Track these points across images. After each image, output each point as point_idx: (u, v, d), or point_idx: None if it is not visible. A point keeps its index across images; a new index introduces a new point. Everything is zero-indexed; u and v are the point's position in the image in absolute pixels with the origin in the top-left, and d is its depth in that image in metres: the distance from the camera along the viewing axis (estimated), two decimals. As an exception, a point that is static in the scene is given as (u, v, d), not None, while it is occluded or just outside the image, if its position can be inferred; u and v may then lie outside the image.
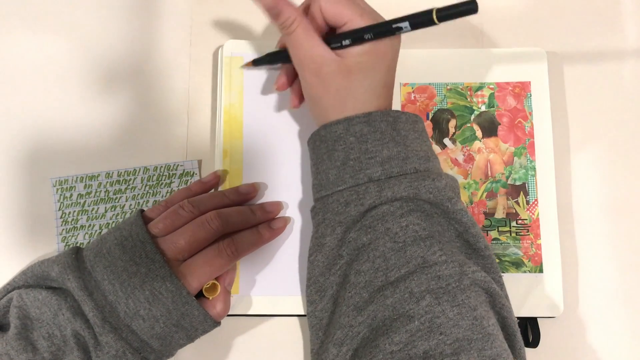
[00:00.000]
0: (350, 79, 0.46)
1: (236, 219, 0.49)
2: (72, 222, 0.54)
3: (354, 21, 0.46)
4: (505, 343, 0.42)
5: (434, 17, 0.41)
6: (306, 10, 0.48)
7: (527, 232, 0.53)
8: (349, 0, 0.46)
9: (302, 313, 0.52)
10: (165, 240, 0.46)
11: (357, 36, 0.45)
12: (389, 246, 0.43)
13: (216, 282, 0.48)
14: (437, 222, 0.45)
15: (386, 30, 0.44)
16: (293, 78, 0.52)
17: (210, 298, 0.47)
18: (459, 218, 0.45)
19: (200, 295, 0.47)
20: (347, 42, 0.46)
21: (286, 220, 0.52)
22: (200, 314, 0.45)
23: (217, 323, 0.47)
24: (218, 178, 0.53)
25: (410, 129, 0.47)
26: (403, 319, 0.41)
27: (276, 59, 0.52)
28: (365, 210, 0.45)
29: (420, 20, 0.42)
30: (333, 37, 0.46)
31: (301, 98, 0.52)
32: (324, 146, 0.47)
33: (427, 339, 0.40)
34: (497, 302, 0.43)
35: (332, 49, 0.46)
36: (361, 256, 0.44)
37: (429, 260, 0.42)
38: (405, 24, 0.43)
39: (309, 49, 0.46)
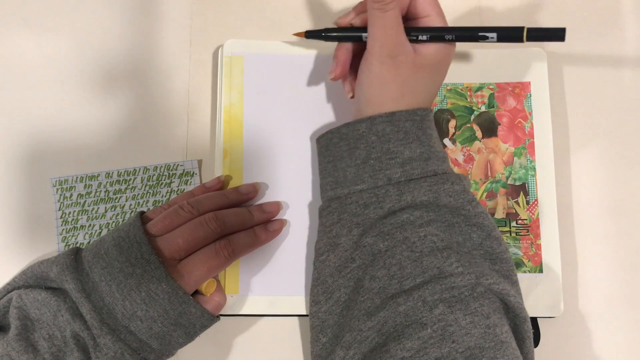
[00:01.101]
0: (419, 74, 0.47)
1: (234, 220, 0.49)
2: (72, 222, 0.54)
3: (433, 17, 0.47)
4: (517, 350, 0.42)
5: (524, 35, 0.43)
6: None
7: (527, 232, 0.53)
8: (438, 2, 0.47)
9: (302, 313, 0.52)
10: (163, 239, 0.46)
11: (439, 34, 0.46)
12: (405, 255, 0.43)
13: (212, 277, 0.48)
14: (459, 231, 0.45)
15: (470, 35, 0.46)
16: (348, 67, 0.50)
17: (207, 295, 0.48)
18: (481, 222, 0.45)
19: (196, 291, 0.48)
20: (425, 37, 0.47)
21: (283, 223, 0.52)
22: (197, 311, 0.45)
23: (216, 318, 0.47)
24: (222, 184, 0.53)
25: (434, 128, 0.48)
26: (415, 326, 0.41)
27: (334, 37, 0.50)
28: (384, 214, 0.45)
29: (509, 35, 0.45)
30: (415, 28, 0.47)
31: (344, 71, 0.50)
32: (344, 144, 0.47)
33: (439, 347, 0.40)
34: (511, 310, 0.43)
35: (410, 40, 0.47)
36: (377, 262, 0.44)
37: (445, 272, 0.42)
38: (493, 35, 0.45)
39: (396, 33, 0.46)
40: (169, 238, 0.46)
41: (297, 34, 0.53)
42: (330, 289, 0.46)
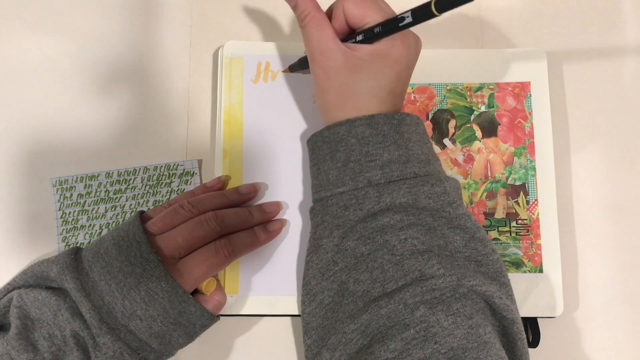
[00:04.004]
0: (354, 76, 0.46)
1: (234, 220, 0.49)
2: (73, 222, 0.54)
3: (371, 24, 0.45)
4: (502, 351, 0.41)
5: (433, 8, 0.40)
6: (329, 9, 0.48)
7: (527, 232, 0.53)
8: (372, 3, 0.46)
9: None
10: (163, 237, 0.46)
11: (368, 30, 0.45)
12: (387, 258, 0.43)
13: (212, 277, 0.48)
14: (440, 235, 0.45)
15: (391, 22, 0.44)
16: None
17: (207, 294, 0.48)
18: (463, 224, 0.45)
19: (196, 290, 0.48)
20: (360, 37, 0.46)
21: (282, 223, 0.52)
22: (197, 310, 0.45)
23: (215, 317, 0.47)
24: (222, 184, 0.53)
25: (413, 132, 0.47)
26: (399, 327, 0.41)
27: (304, 63, 0.52)
28: (364, 216, 0.45)
29: (421, 12, 0.41)
30: (348, 36, 0.47)
31: None
32: (326, 147, 0.47)
33: (422, 348, 0.40)
34: (497, 312, 0.43)
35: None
36: (360, 265, 0.44)
37: (426, 274, 0.42)
38: (407, 14, 0.42)
39: (319, 40, 0.46)
40: (168, 236, 0.46)
41: (284, 71, 0.55)
42: (313, 291, 0.46)
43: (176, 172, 0.55)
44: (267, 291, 0.52)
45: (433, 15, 0.40)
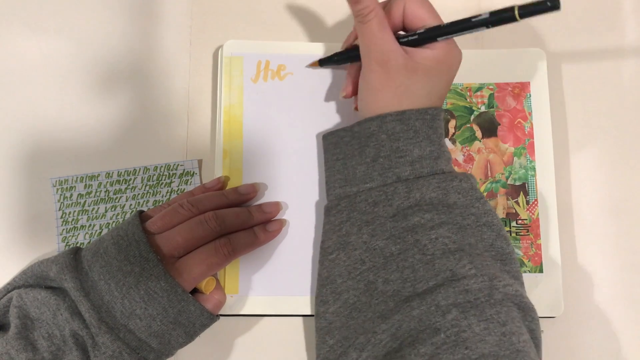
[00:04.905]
0: (414, 78, 0.46)
1: (233, 220, 0.49)
2: (73, 222, 0.54)
3: (432, 25, 0.46)
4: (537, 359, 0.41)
5: (516, 13, 0.42)
6: (384, 5, 0.48)
7: (527, 232, 0.53)
8: (433, 7, 0.47)
9: (302, 313, 0.52)
10: (162, 236, 0.46)
11: (429, 35, 0.46)
12: (417, 258, 0.43)
13: (212, 276, 0.48)
14: (470, 233, 0.44)
15: (462, 27, 0.45)
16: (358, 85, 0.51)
17: (207, 293, 0.48)
18: (490, 221, 0.45)
19: (195, 290, 0.48)
20: (421, 30, 0.46)
21: (282, 223, 0.52)
22: (197, 309, 0.45)
23: (215, 317, 0.47)
24: (221, 184, 0.53)
25: (443, 127, 0.48)
26: (429, 331, 0.40)
27: (344, 58, 0.52)
28: (394, 212, 0.45)
29: (502, 16, 0.43)
30: (407, 33, 0.47)
31: (355, 89, 0.51)
32: (355, 142, 0.47)
33: (452, 353, 0.39)
34: (528, 316, 0.42)
35: (402, 44, 0.47)
36: (389, 265, 0.44)
37: (457, 274, 0.42)
38: (485, 17, 0.44)
39: (381, 40, 0.46)
40: (167, 236, 0.46)
41: (312, 64, 0.55)
42: (338, 290, 0.46)
43: (176, 172, 0.55)
44: (267, 291, 0.52)
45: (513, 20, 0.42)
